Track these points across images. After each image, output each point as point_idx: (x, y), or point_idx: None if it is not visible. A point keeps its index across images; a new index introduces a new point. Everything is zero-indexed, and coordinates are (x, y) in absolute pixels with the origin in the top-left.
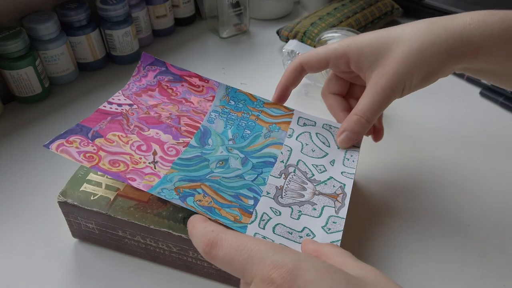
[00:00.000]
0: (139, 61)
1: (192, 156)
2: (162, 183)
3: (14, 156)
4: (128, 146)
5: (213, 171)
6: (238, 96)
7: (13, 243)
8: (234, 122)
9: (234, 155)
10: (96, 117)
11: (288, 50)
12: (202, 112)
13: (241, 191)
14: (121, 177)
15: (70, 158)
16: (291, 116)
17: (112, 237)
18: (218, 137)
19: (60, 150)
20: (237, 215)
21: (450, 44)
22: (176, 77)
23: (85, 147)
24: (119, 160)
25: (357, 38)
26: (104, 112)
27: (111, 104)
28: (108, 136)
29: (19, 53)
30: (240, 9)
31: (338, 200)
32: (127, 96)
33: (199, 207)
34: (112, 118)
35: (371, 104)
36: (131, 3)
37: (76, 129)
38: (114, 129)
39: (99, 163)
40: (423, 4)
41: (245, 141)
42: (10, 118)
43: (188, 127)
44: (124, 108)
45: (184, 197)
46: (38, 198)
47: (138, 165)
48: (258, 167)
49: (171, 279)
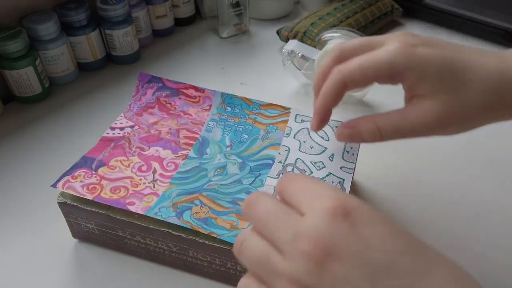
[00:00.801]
0: (137, 81)
1: (190, 168)
2: (160, 201)
3: (14, 156)
4: (129, 170)
5: (211, 179)
6: (234, 102)
7: (13, 243)
8: (232, 128)
9: (231, 160)
10: (100, 146)
11: (288, 50)
12: (200, 123)
13: (238, 196)
14: (120, 204)
15: (75, 193)
16: (288, 115)
17: (112, 237)
18: (216, 145)
19: (66, 187)
20: (233, 221)
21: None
22: (173, 91)
23: (89, 179)
24: (120, 186)
25: (414, 56)
26: (107, 140)
27: (113, 130)
28: (110, 163)
29: (19, 53)
30: (240, 9)
31: None
32: (128, 118)
33: (195, 220)
34: (115, 144)
35: (404, 128)
36: (131, 3)
37: (81, 162)
38: (117, 155)
39: (101, 193)
40: (423, 4)
41: (242, 145)
42: (10, 118)
43: (187, 139)
44: (126, 131)
45: (181, 213)
46: (38, 199)
47: (138, 187)
48: (255, 170)
49: (171, 279)
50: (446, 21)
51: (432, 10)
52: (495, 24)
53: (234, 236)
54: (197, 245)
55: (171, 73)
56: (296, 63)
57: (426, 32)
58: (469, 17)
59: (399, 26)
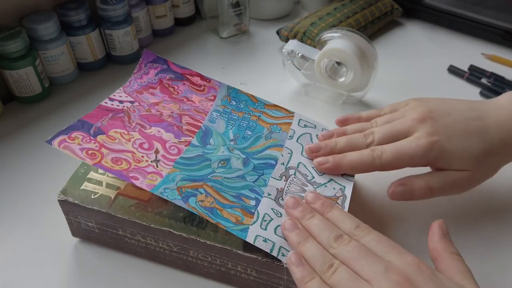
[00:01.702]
0: (141, 58)
1: (194, 155)
2: (164, 182)
3: (14, 156)
4: (130, 144)
5: (215, 170)
6: (239, 97)
7: (13, 242)
8: (236, 122)
9: (235, 155)
10: (97, 113)
11: (288, 50)
12: (204, 112)
13: (242, 192)
14: (123, 176)
15: (73, 154)
16: (292, 118)
17: (112, 236)
18: (219, 137)
19: (63, 147)
20: (239, 216)
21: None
22: (177, 75)
23: (87, 144)
24: (122, 158)
25: (442, 152)
26: (105, 109)
27: (112, 101)
28: (110, 133)
29: (19, 53)
30: (240, 9)
31: (338, 202)
32: (128, 93)
33: (201, 208)
34: (114, 115)
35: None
36: (131, 3)
37: (78, 125)
38: (116, 126)
39: (102, 160)
40: (423, 4)
41: (246, 142)
42: (10, 118)
43: (190, 126)
44: (125, 105)
45: (186, 198)
46: (38, 197)
47: (140, 164)
48: (259, 168)
49: (171, 279)
50: (446, 21)
51: (432, 10)
52: (494, 24)
53: (239, 230)
54: (198, 245)
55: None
56: (296, 63)
57: (426, 32)
58: (469, 17)
59: (399, 26)
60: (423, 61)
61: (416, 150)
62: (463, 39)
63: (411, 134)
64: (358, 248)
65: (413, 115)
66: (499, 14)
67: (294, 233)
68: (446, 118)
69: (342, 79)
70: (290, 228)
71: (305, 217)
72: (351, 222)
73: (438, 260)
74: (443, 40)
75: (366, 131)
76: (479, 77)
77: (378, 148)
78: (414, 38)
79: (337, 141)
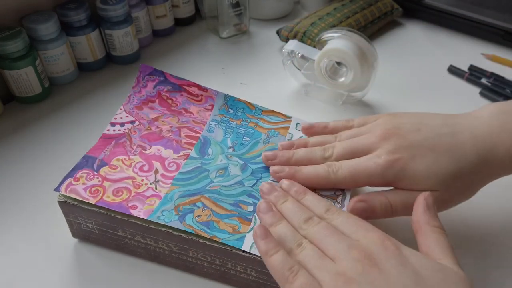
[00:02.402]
0: (138, 72)
1: (192, 168)
2: (163, 204)
3: (14, 156)
4: (131, 169)
5: (213, 180)
6: (236, 105)
7: (12, 243)
8: (233, 130)
9: (233, 162)
10: (101, 144)
11: (288, 50)
12: (202, 122)
13: (240, 198)
14: (123, 208)
15: (78, 197)
16: (289, 122)
17: (112, 237)
18: (217, 146)
19: (69, 191)
20: (236, 225)
21: None
22: (175, 86)
23: (91, 180)
24: (122, 187)
25: (403, 171)
26: (108, 137)
27: (114, 126)
28: (112, 163)
29: (19, 53)
30: (240, 9)
31: (337, 201)
32: (128, 112)
33: (197, 224)
34: (116, 141)
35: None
36: (131, 3)
37: (83, 162)
38: (118, 154)
39: (104, 196)
40: (423, 4)
41: (244, 148)
42: (10, 118)
43: (189, 138)
44: (126, 127)
45: (183, 216)
46: (38, 198)
47: (140, 189)
48: (257, 172)
49: (171, 279)
50: (446, 21)
51: (432, 10)
52: (494, 24)
53: (235, 240)
54: (197, 245)
55: (171, 73)
56: (296, 63)
57: (426, 32)
58: (469, 17)
59: (399, 26)
60: (423, 61)
61: (374, 168)
62: (463, 39)
63: (372, 152)
64: (326, 228)
65: (377, 131)
66: (499, 14)
67: (267, 215)
68: (414, 135)
69: (342, 79)
70: (264, 210)
71: (279, 201)
72: (323, 205)
73: (419, 233)
74: (443, 40)
75: (326, 145)
76: (479, 77)
77: (335, 164)
78: (414, 38)
79: (295, 152)
